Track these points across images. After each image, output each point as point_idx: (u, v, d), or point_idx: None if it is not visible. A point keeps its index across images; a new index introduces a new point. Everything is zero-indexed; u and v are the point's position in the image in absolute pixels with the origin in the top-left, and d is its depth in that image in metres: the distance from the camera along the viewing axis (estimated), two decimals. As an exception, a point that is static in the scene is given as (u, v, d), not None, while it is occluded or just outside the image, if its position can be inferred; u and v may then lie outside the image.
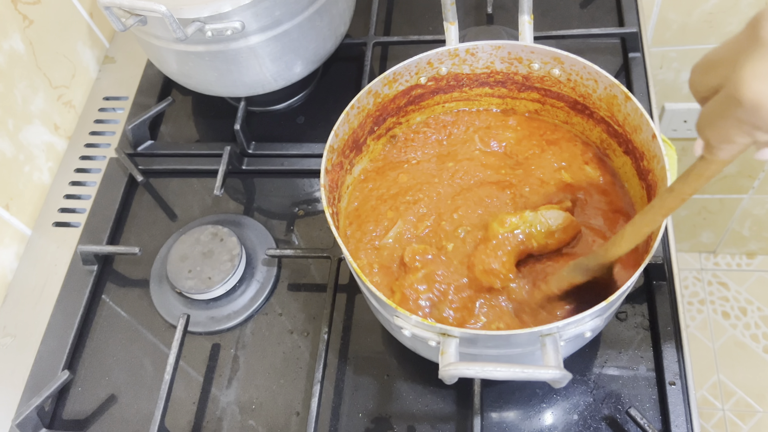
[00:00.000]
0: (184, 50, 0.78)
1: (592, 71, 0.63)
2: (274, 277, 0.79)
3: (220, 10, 0.71)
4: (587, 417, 0.66)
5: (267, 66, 0.81)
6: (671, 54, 1.25)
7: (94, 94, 1.01)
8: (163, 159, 0.91)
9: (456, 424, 0.67)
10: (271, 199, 0.87)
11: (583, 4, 0.98)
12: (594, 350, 0.70)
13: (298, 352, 0.74)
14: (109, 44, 1.06)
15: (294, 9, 0.76)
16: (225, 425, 0.70)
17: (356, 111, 0.65)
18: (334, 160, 0.63)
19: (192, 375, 0.74)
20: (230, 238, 0.79)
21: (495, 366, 0.47)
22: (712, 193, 1.63)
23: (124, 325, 0.79)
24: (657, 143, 0.57)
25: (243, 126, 0.87)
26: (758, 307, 1.80)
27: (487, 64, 0.68)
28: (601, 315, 0.52)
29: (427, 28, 1.00)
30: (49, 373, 0.75)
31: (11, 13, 0.85)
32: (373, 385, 0.71)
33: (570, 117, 0.69)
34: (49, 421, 0.73)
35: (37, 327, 0.79)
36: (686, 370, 0.67)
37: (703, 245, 1.86)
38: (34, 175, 0.90)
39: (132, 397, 0.73)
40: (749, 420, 1.66)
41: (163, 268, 0.80)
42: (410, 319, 0.52)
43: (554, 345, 0.50)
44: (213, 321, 0.77)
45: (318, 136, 0.90)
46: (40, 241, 0.87)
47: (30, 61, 0.89)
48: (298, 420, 0.70)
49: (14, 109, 0.86)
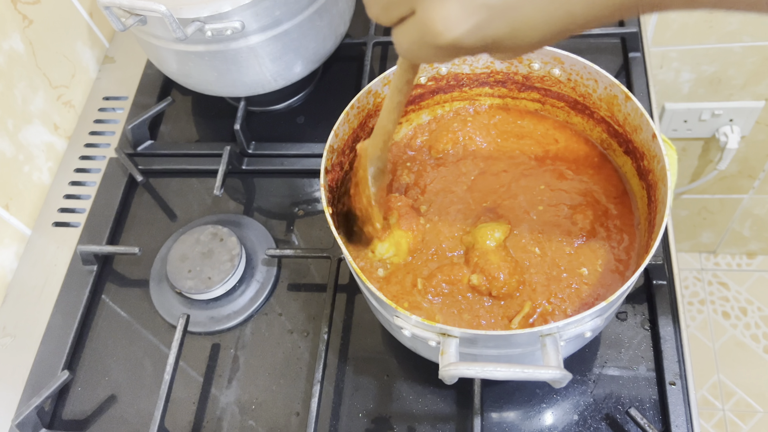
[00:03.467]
0: (184, 50, 0.78)
1: (592, 71, 0.63)
2: (274, 277, 0.79)
3: (220, 10, 0.71)
4: (587, 417, 0.66)
5: (267, 66, 0.81)
6: (671, 54, 1.25)
7: (94, 94, 1.01)
8: (163, 159, 0.91)
9: (456, 424, 0.67)
10: (271, 199, 0.87)
11: (583, 4, 0.98)
12: (594, 350, 0.70)
13: (298, 352, 0.74)
14: (109, 44, 1.06)
15: (294, 9, 0.76)
16: (225, 425, 0.70)
17: (356, 111, 0.65)
18: (334, 160, 0.63)
19: (192, 375, 0.74)
20: (230, 238, 0.78)
21: (495, 366, 0.47)
22: (712, 193, 1.63)
23: (124, 325, 0.79)
24: (657, 143, 0.57)
25: (243, 126, 0.87)
26: (758, 307, 1.80)
27: (487, 64, 0.68)
28: (601, 315, 0.52)
29: (427, 28, 0.99)
30: (49, 373, 0.75)
31: (11, 13, 0.85)
32: (373, 385, 0.71)
33: (570, 117, 0.69)
34: (49, 421, 0.73)
35: (37, 327, 0.79)
36: (686, 370, 0.67)
37: (704, 245, 1.86)
38: (34, 175, 0.90)
39: (132, 397, 0.73)
40: (749, 420, 1.66)
41: (163, 268, 0.80)
42: (410, 319, 0.52)
43: (554, 345, 0.50)
44: (213, 321, 0.77)
45: (318, 136, 0.90)
46: (40, 241, 0.87)
47: (30, 61, 0.89)
48: (298, 420, 0.70)
49: (14, 109, 0.86)
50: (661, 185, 0.57)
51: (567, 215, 0.63)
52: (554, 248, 0.62)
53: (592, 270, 0.61)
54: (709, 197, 1.65)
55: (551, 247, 0.62)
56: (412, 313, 0.54)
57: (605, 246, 0.62)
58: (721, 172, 1.51)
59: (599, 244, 0.62)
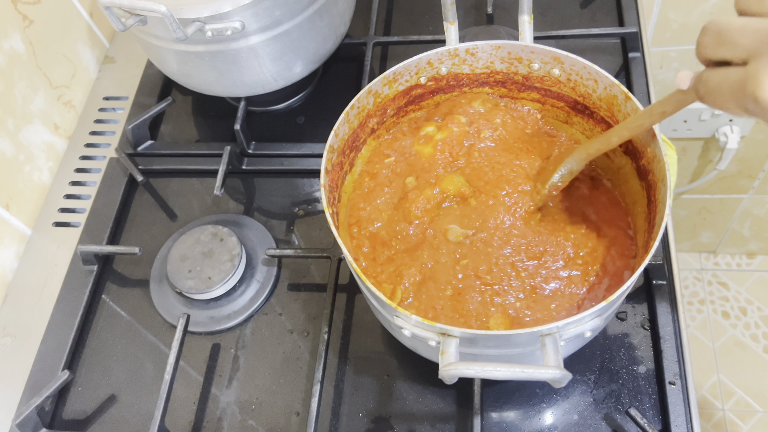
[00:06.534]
0: (184, 50, 0.78)
1: (592, 71, 0.63)
2: (274, 277, 0.79)
3: (220, 10, 0.71)
4: (587, 417, 0.66)
5: (267, 66, 0.81)
6: (671, 54, 1.25)
7: (94, 94, 1.01)
8: (163, 159, 0.91)
9: (456, 424, 0.67)
10: (271, 199, 0.87)
11: (583, 4, 0.98)
12: (594, 350, 0.70)
13: (298, 352, 0.74)
14: (109, 44, 1.06)
15: (294, 9, 0.76)
16: (225, 425, 0.70)
17: (356, 111, 0.65)
18: (334, 160, 0.63)
19: (192, 375, 0.74)
20: (230, 238, 0.79)
21: (495, 366, 0.47)
22: (712, 193, 1.63)
23: (124, 325, 0.79)
24: (657, 143, 0.57)
25: (243, 126, 0.87)
26: (758, 307, 1.80)
27: (487, 64, 0.68)
28: (601, 315, 0.52)
29: (427, 28, 1.00)
30: (49, 373, 0.75)
31: (11, 13, 0.85)
32: (373, 385, 0.71)
33: (570, 117, 0.69)
34: (49, 421, 0.73)
35: (37, 327, 0.79)
36: (686, 370, 0.67)
37: (703, 245, 1.86)
38: (34, 175, 0.90)
39: (132, 397, 0.74)
40: (749, 420, 1.66)
41: (163, 268, 0.80)
42: (410, 319, 0.52)
43: (554, 345, 0.50)
44: (213, 321, 0.77)
45: (318, 136, 0.90)
46: (40, 241, 0.87)
47: (30, 61, 0.89)
48: (298, 420, 0.70)
49: (14, 109, 0.86)
50: (661, 185, 0.57)
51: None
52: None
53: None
54: (709, 197, 1.65)
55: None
56: (411, 313, 0.54)
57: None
58: (720, 172, 1.51)
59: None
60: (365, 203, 0.67)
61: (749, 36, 0.40)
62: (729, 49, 0.41)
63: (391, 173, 0.68)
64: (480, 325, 0.59)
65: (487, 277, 0.60)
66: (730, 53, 0.41)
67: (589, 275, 0.60)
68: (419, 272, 0.61)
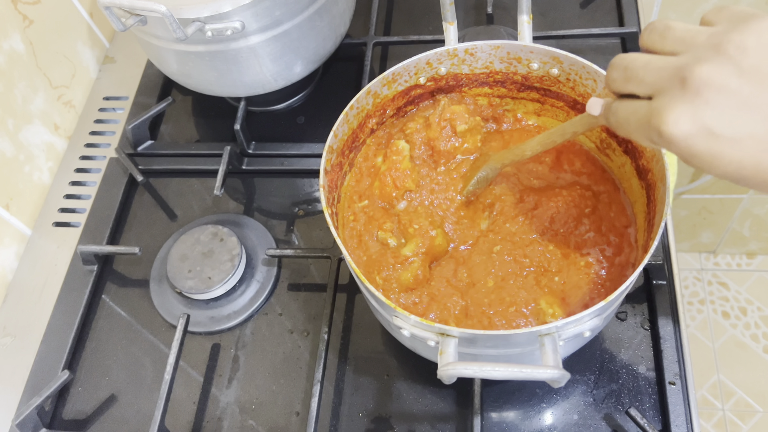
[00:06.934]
0: (184, 50, 0.78)
1: (591, 71, 0.63)
2: (274, 277, 0.79)
3: (220, 10, 0.71)
4: (587, 417, 0.66)
5: (267, 66, 0.81)
6: (671, 54, 1.25)
7: (94, 94, 1.01)
8: (163, 159, 0.91)
9: (456, 424, 0.67)
10: (271, 199, 0.87)
11: (583, 4, 0.98)
12: (594, 350, 0.70)
13: (298, 352, 0.74)
14: (109, 44, 1.06)
15: (294, 9, 0.76)
16: (225, 425, 0.70)
17: (355, 111, 0.65)
18: (333, 160, 0.63)
19: (192, 375, 0.74)
20: (230, 238, 0.79)
21: (494, 366, 0.47)
22: (712, 193, 1.63)
23: (124, 325, 0.79)
24: (656, 143, 0.57)
25: (243, 126, 0.87)
26: (758, 307, 1.80)
27: (486, 64, 0.68)
28: (600, 315, 0.52)
29: (426, 28, 1.00)
30: (49, 373, 0.75)
31: (11, 13, 0.85)
32: (373, 385, 0.71)
33: (570, 117, 0.69)
34: (49, 421, 0.73)
35: (37, 327, 0.79)
36: (686, 370, 0.67)
37: (703, 245, 1.86)
38: (34, 175, 0.90)
39: (132, 397, 0.74)
40: (749, 420, 1.66)
41: (163, 268, 0.80)
42: (409, 319, 0.52)
43: (553, 345, 0.50)
44: (213, 321, 0.77)
45: (318, 136, 0.90)
46: (40, 241, 0.87)
47: (30, 61, 0.89)
48: (298, 420, 0.70)
49: (14, 109, 0.86)
50: (661, 185, 0.57)
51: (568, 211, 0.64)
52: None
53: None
54: (709, 197, 1.65)
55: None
56: (407, 312, 0.54)
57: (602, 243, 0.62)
58: (721, 172, 1.50)
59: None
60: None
61: (653, 74, 0.41)
62: (635, 85, 0.43)
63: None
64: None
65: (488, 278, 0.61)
66: (636, 89, 0.43)
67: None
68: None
